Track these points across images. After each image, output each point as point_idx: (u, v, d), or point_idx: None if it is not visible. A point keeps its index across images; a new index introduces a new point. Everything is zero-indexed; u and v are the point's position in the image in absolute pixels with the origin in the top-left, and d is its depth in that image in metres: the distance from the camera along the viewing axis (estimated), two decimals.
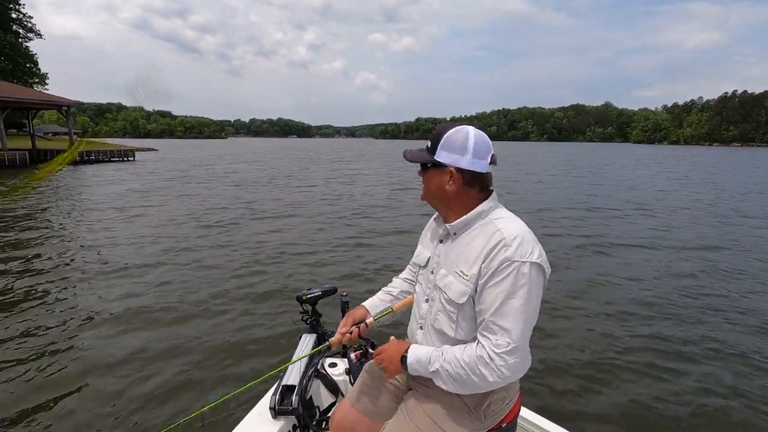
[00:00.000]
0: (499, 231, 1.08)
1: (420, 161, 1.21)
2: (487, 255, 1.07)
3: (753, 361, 3.72)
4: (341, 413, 1.41)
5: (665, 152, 69.92)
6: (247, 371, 3.44)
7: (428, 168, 1.20)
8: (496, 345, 1.03)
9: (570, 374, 3.48)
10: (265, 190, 15.77)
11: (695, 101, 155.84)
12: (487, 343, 1.04)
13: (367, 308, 1.46)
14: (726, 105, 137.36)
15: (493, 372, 1.03)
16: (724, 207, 12.82)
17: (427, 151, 1.19)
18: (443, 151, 1.15)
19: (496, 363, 1.03)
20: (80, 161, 27.87)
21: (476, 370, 1.05)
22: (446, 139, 1.15)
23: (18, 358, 3.63)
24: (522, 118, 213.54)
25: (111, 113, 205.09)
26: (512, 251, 1.04)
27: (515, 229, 1.08)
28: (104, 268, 6.07)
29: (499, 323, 1.04)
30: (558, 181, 20.82)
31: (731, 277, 6.02)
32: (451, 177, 1.15)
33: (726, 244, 8.01)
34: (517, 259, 1.03)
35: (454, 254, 1.17)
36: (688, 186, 19.04)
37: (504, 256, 1.04)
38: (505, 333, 1.03)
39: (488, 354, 1.03)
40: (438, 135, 1.17)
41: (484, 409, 1.19)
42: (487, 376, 1.04)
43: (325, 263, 6.53)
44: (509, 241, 1.05)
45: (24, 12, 43.33)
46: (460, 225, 1.18)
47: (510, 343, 1.02)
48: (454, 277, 1.14)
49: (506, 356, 1.03)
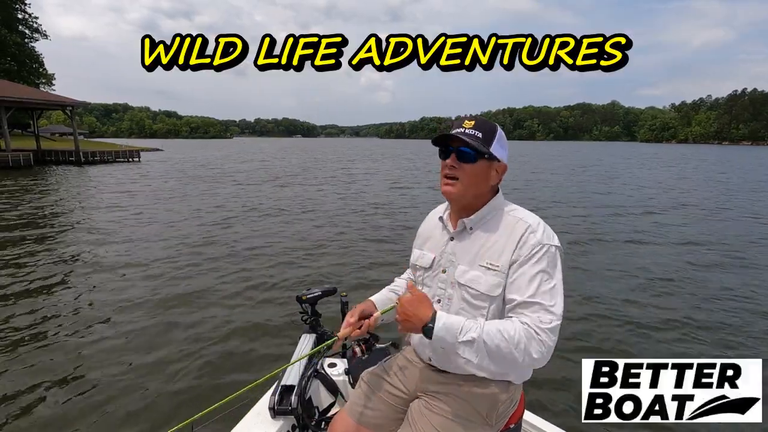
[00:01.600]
0: (522, 220, 1.11)
1: (479, 149, 1.12)
2: (517, 242, 1.08)
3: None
4: (340, 425, 1.34)
5: (682, 151, 69.35)
6: (247, 371, 3.44)
7: (476, 160, 1.13)
8: (541, 321, 1.02)
9: (568, 374, 3.41)
10: (268, 189, 15.73)
11: (704, 99, 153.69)
12: (532, 321, 1.03)
13: (374, 302, 1.41)
14: (736, 103, 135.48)
15: (540, 346, 1.01)
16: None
17: (481, 142, 1.12)
18: (498, 145, 1.14)
19: (542, 338, 1.01)
20: (85, 162, 27.69)
21: (521, 344, 1.01)
22: (500, 135, 1.16)
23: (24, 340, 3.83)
24: (528, 117, 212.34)
25: (117, 114, 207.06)
26: (540, 235, 1.08)
27: (534, 217, 1.13)
28: (95, 268, 6.04)
29: (540, 301, 1.04)
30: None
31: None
32: (497, 172, 1.16)
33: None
34: (546, 242, 1.07)
35: (473, 249, 1.16)
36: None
37: (535, 240, 1.07)
38: (548, 310, 1.03)
39: (535, 329, 1.02)
40: (491, 128, 1.15)
41: (489, 413, 1.17)
42: (532, 352, 1.01)
43: (325, 263, 6.51)
44: (535, 227, 1.09)
45: (29, 12, 43.33)
46: (477, 218, 1.17)
47: (553, 320, 1.03)
48: (481, 271, 1.12)
49: (551, 333, 1.02)
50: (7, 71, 37.61)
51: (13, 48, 39.48)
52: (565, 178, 21.49)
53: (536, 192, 15.69)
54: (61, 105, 28.95)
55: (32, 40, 43.69)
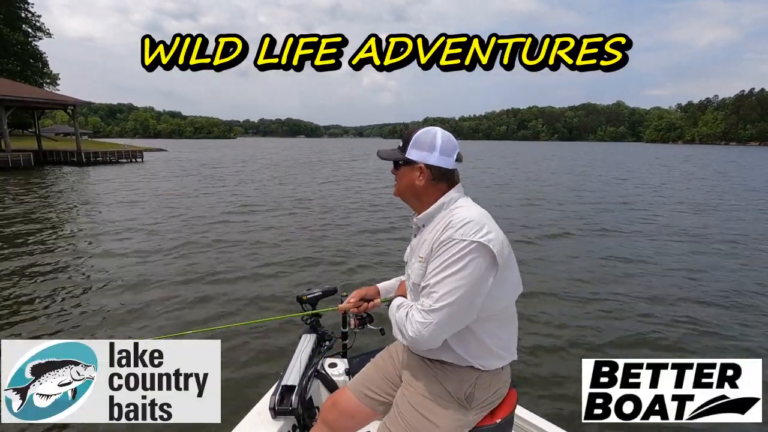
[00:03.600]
0: (452, 216, 1.17)
1: (392, 159, 1.29)
2: (436, 237, 1.16)
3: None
4: (343, 398, 1.46)
5: (699, 152, 68.78)
6: (247, 371, 3.41)
7: (400, 165, 1.28)
8: (421, 304, 1.14)
9: (569, 374, 3.43)
10: (272, 188, 15.74)
11: (710, 99, 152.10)
12: (416, 303, 1.17)
13: (379, 289, 1.57)
14: (743, 103, 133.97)
15: (411, 326, 1.14)
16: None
17: (399, 150, 1.28)
18: (413, 149, 1.25)
19: (415, 318, 1.13)
20: (87, 162, 27.52)
21: (402, 324, 1.18)
22: (416, 138, 1.25)
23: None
24: (532, 117, 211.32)
25: (122, 114, 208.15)
26: (454, 230, 1.12)
27: (466, 213, 1.16)
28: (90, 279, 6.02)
29: (428, 287, 1.13)
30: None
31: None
32: (421, 173, 1.24)
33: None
34: (457, 237, 1.11)
35: (418, 244, 1.26)
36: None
37: (447, 234, 1.12)
38: (430, 296, 1.11)
39: (412, 311, 1.16)
40: (409, 135, 1.27)
41: (467, 396, 1.23)
42: (407, 330, 1.15)
43: (325, 263, 6.47)
44: (456, 223, 1.13)
45: (33, 11, 43.02)
46: (425, 218, 1.27)
47: (431, 305, 1.10)
48: (417, 263, 1.23)
49: (426, 314, 1.11)
50: (10, 71, 37.33)
51: (17, 47, 39.28)
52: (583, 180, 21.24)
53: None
54: (62, 104, 28.56)
55: (35, 38, 43.42)
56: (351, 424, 1.45)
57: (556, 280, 5.75)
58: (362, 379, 1.49)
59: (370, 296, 1.55)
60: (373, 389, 1.44)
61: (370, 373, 1.49)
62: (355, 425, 1.45)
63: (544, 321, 4.46)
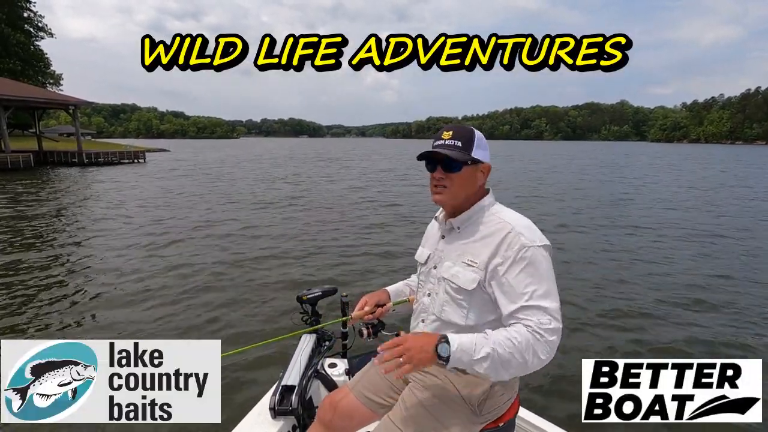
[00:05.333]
0: (505, 222, 1.16)
1: (462, 159, 1.20)
2: (499, 244, 1.12)
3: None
4: (342, 398, 1.44)
5: (712, 152, 68.36)
6: (247, 371, 3.43)
7: (461, 168, 1.21)
8: (541, 323, 1.06)
9: (569, 374, 3.42)
10: (264, 187, 15.69)
11: (716, 98, 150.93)
12: (534, 324, 1.06)
13: (389, 293, 1.52)
14: (749, 102, 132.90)
15: (544, 349, 1.05)
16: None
17: (461, 151, 1.20)
18: (478, 149, 1.21)
19: (546, 339, 1.05)
20: (88, 163, 27.33)
21: (529, 349, 1.05)
22: (479, 138, 1.22)
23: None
24: (535, 117, 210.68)
25: (125, 114, 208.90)
26: (525, 238, 1.11)
27: (519, 218, 1.18)
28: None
29: (538, 304, 1.07)
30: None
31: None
32: (484, 173, 1.24)
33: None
34: (531, 244, 1.10)
35: (458, 247, 1.23)
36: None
37: (520, 243, 1.10)
38: (546, 312, 1.07)
39: (539, 333, 1.06)
40: (469, 134, 1.22)
41: (480, 403, 1.22)
42: (539, 353, 1.05)
43: (326, 263, 6.45)
44: (520, 229, 1.12)
45: (35, 10, 42.76)
46: (463, 219, 1.25)
47: (552, 320, 1.07)
48: (462, 267, 1.19)
49: (553, 333, 1.06)
50: (11, 70, 37.16)
51: (18, 47, 39.05)
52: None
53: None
54: (63, 104, 28.42)
55: (37, 38, 43.22)
56: (348, 425, 1.43)
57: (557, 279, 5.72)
58: (362, 380, 1.47)
59: (382, 301, 1.49)
60: (373, 390, 1.43)
61: (371, 374, 1.48)
62: (353, 426, 1.44)
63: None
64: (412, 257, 1.48)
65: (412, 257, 1.50)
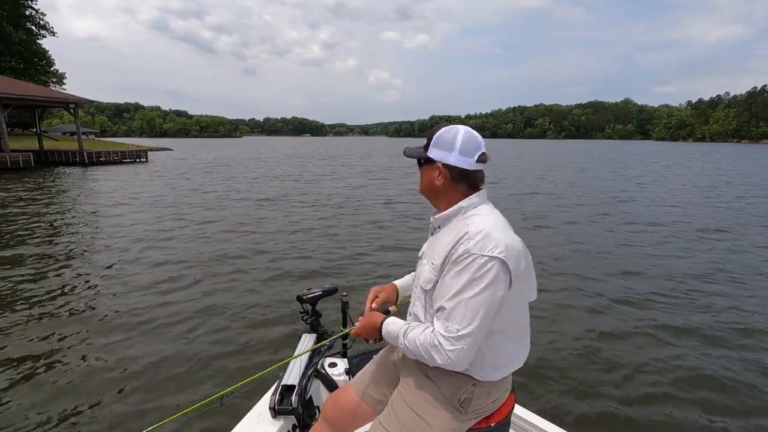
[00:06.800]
0: (468, 225, 1.13)
1: (415, 156, 1.27)
2: (453, 247, 1.11)
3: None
4: (345, 396, 1.45)
5: (723, 150, 67.97)
6: (247, 371, 3.38)
7: (422, 163, 1.26)
8: (446, 330, 1.07)
9: (567, 373, 3.41)
10: (272, 187, 15.56)
11: (721, 97, 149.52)
12: (439, 327, 1.09)
13: (397, 287, 1.51)
14: (755, 100, 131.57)
15: (440, 355, 1.08)
16: None
17: (422, 148, 1.25)
18: (434, 148, 1.22)
19: (444, 347, 1.07)
20: (89, 163, 26.98)
21: (428, 351, 1.10)
22: (437, 136, 1.22)
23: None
24: (539, 116, 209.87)
25: (129, 113, 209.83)
26: (473, 244, 1.07)
27: (483, 224, 1.12)
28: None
29: (450, 309, 1.07)
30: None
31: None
32: (440, 172, 1.21)
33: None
34: (476, 252, 1.06)
35: (433, 246, 1.24)
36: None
37: (464, 248, 1.08)
38: (455, 320, 1.06)
39: (438, 338, 1.08)
40: (432, 133, 1.24)
41: (462, 401, 1.20)
42: (435, 358, 1.09)
43: (325, 263, 6.40)
44: (472, 235, 1.09)
45: (36, 9, 42.54)
46: (441, 219, 1.25)
47: (459, 330, 1.06)
48: (429, 267, 1.21)
49: (454, 341, 1.06)
50: (13, 69, 36.94)
51: (19, 45, 38.75)
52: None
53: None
54: (63, 102, 27.99)
55: (40, 37, 42.99)
56: (352, 422, 1.44)
57: (557, 277, 5.63)
58: (365, 378, 1.48)
59: (390, 299, 1.47)
60: (376, 388, 1.44)
61: (373, 372, 1.48)
62: (357, 423, 1.44)
63: (540, 317, 4.34)
64: (414, 254, 1.45)
65: (413, 254, 1.49)
